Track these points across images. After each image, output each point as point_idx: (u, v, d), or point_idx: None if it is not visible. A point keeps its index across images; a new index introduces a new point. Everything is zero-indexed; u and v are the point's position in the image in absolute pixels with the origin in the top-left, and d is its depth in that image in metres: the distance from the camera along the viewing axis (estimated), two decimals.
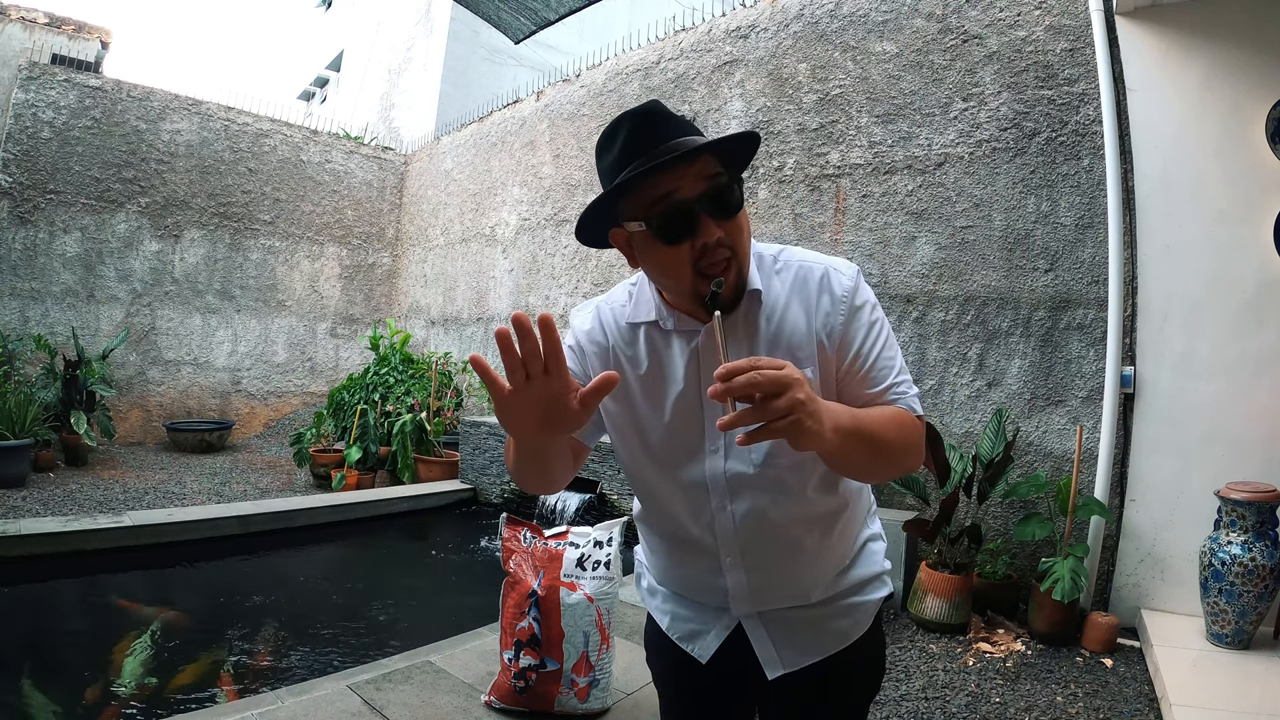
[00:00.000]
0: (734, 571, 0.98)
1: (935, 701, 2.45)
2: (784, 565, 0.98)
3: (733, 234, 0.86)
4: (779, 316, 0.92)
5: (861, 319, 0.91)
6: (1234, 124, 2.97)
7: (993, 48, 3.73)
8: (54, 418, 5.70)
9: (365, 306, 8.87)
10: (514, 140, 7.20)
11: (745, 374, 0.67)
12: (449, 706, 2.10)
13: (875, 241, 4.14)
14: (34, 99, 6.54)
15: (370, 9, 13.36)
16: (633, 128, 0.85)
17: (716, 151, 0.86)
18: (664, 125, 0.85)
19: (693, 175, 0.83)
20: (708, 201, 0.83)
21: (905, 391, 0.92)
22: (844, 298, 0.91)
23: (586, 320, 1.03)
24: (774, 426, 0.68)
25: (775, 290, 0.94)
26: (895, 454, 0.88)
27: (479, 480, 5.34)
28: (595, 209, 0.89)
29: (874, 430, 0.84)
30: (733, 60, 5.08)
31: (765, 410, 0.68)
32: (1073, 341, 3.40)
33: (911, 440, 0.90)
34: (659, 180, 0.83)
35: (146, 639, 2.81)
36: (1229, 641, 2.65)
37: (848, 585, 1.03)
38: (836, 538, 1.00)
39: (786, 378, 0.68)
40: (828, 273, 0.93)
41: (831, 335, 0.91)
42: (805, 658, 1.00)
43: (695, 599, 1.05)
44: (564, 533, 2.22)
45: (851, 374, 0.92)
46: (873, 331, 0.92)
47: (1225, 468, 2.84)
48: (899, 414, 0.89)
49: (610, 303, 1.03)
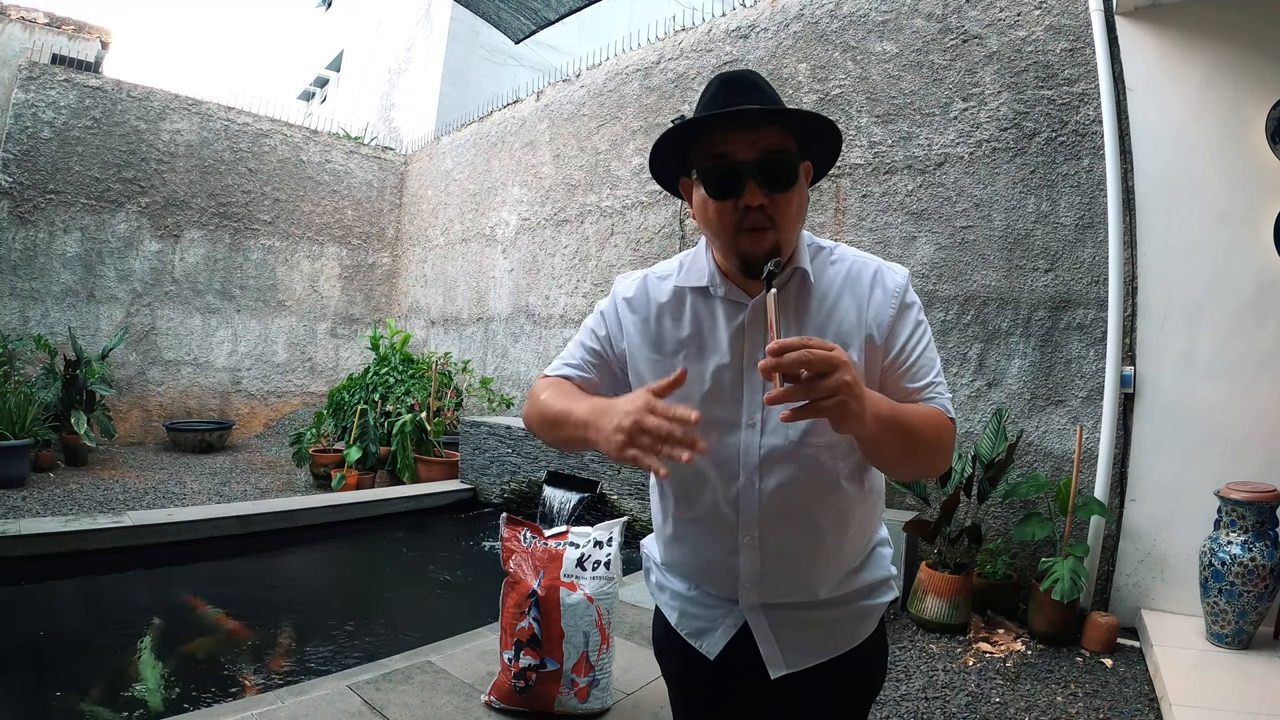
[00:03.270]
0: (750, 552, 0.97)
1: (935, 701, 2.45)
2: (800, 552, 0.98)
3: (779, 206, 0.88)
4: (830, 304, 0.95)
5: (910, 316, 0.95)
6: (1234, 124, 2.97)
7: (993, 48, 3.73)
8: (54, 418, 5.70)
9: (365, 306, 8.87)
10: (514, 140, 7.20)
11: (797, 351, 0.69)
12: (449, 706, 2.10)
13: (875, 241, 4.13)
14: (34, 99, 6.54)
15: (370, 9, 13.36)
16: (719, 87, 0.90)
17: (788, 128, 0.89)
18: (748, 90, 0.89)
19: (750, 141, 0.87)
20: (757, 168, 0.86)
21: (941, 393, 0.95)
22: (895, 293, 0.95)
23: (630, 287, 1.05)
24: (820, 405, 0.70)
25: (828, 279, 0.97)
26: (927, 450, 0.90)
27: (479, 480, 5.34)
28: (659, 148, 0.94)
29: (910, 424, 0.86)
30: (733, 60, 5.08)
31: (813, 389, 0.70)
32: (1073, 341, 3.40)
33: (943, 440, 0.92)
34: (720, 137, 0.87)
35: (146, 639, 2.81)
36: (1229, 641, 2.65)
37: (856, 587, 1.03)
38: (852, 534, 1.01)
39: (836, 358, 0.70)
40: (880, 269, 0.97)
41: (880, 328, 0.94)
42: (809, 659, 1.00)
43: (705, 586, 1.05)
44: (564, 533, 2.21)
45: (894, 368, 0.94)
46: (918, 330, 0.95)
47: (1225, 468, 2.84)
48: (934, 413, 0.92)
49: (659, 273, 1.05)
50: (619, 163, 5.96)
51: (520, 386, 6.83)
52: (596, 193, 6.14)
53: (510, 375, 6.98)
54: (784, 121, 0.89)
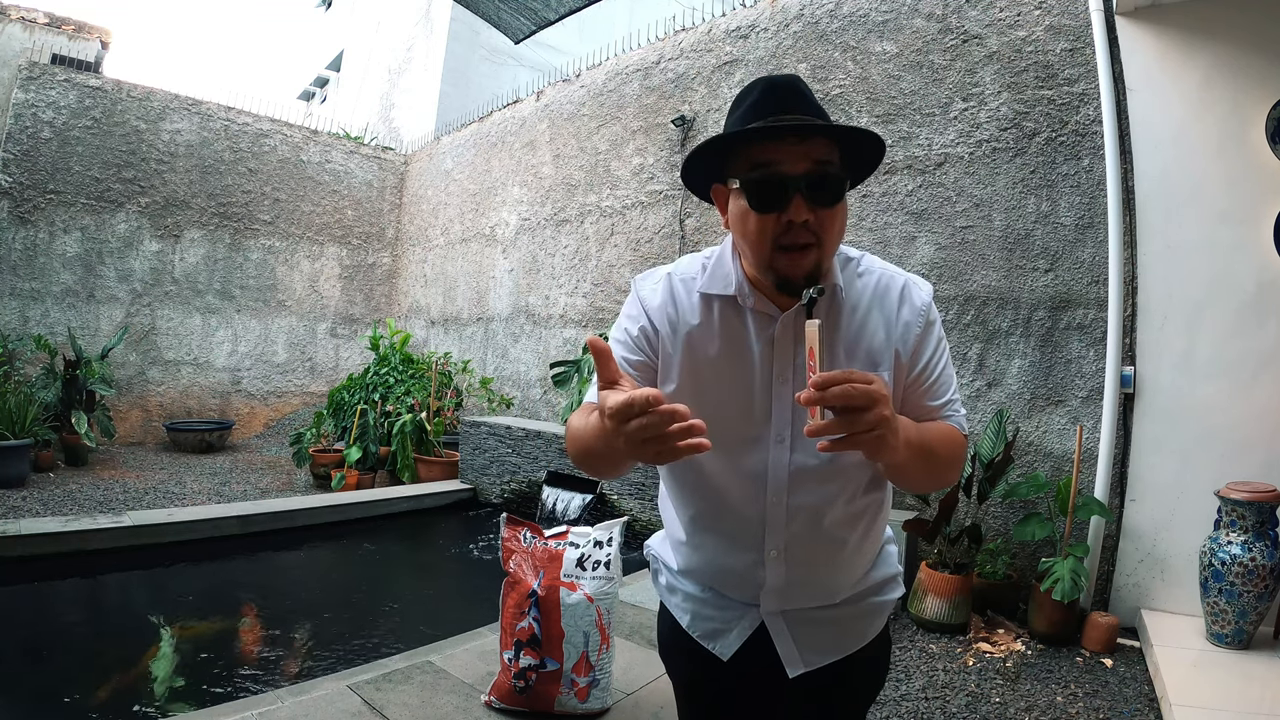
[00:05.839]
0: (776, 565, 0.97)
1: (935, 701, 2.45)
2: (825, 562, 0.99)
3: (824, 223, 0.85)
4: (859, 321, 0.94)
5: (934, 334, 0.96)
6: (1234, 124, 2.97)
7: (993, 48, 3.73)
8: (54, 418, 5.70)
9: (365, 306, 8.87)
10: (514, 140, 7.20)
11: (840, 386, 0.68)
12: (449, 706, 2.10)
13: (875, 241, 4.13)
14: (34, 99, 6.54)
15: (370, 9, 13.36)
16: (763, 92, 0.87)
17: (833, 139, 0.86)
18: (794, 99, 0.86)
19: (799, 154, 0.84)
20: (805, 183, 0.83)
21: (958, 410, 0.97)
22: (922, 311, 0.95)
23: (657, 292, 0.98)
24: (859, 439, 0.70)
25: (857, 292, 0.95)
26: (944, 468, 0.92)
27: (479, 480, 5.34)
28: (697, 156, 0.90)
29: (932, 446, 0.88)
30: (733, 60, 5.08)
31: (854, 422, 0.69)
32: (1073, 341, 3.40)
33: (957, 456, 0.94)
34: (766, 147, 0.84)
35: (146, 639, 2.81)
36: (1229, 641, 2.65)
37: (869, 585, 1.04)
38: (872, 538, 1.02)
39: (877, 393, 0.70)
40: (907, 285, 0.97)
41: (906, 345, 0.94)
42: (825, 657, 1.01)
43: (725, 593, 1.04)
44: (564, 533, 2.21)
45: (916, 385, 0.95)
46: (940, 347, 0.97)
47: (1225, 468, 2.84)
48: (951, 431, 0.94)
49: (680, 273, 0.99)
50: (619, 163, 5.96)
51: (520, 386, 6.83)
52: (596, 193, 6.14)
53: (510, 375, 6.98)
54: (832, 134, 0.86)
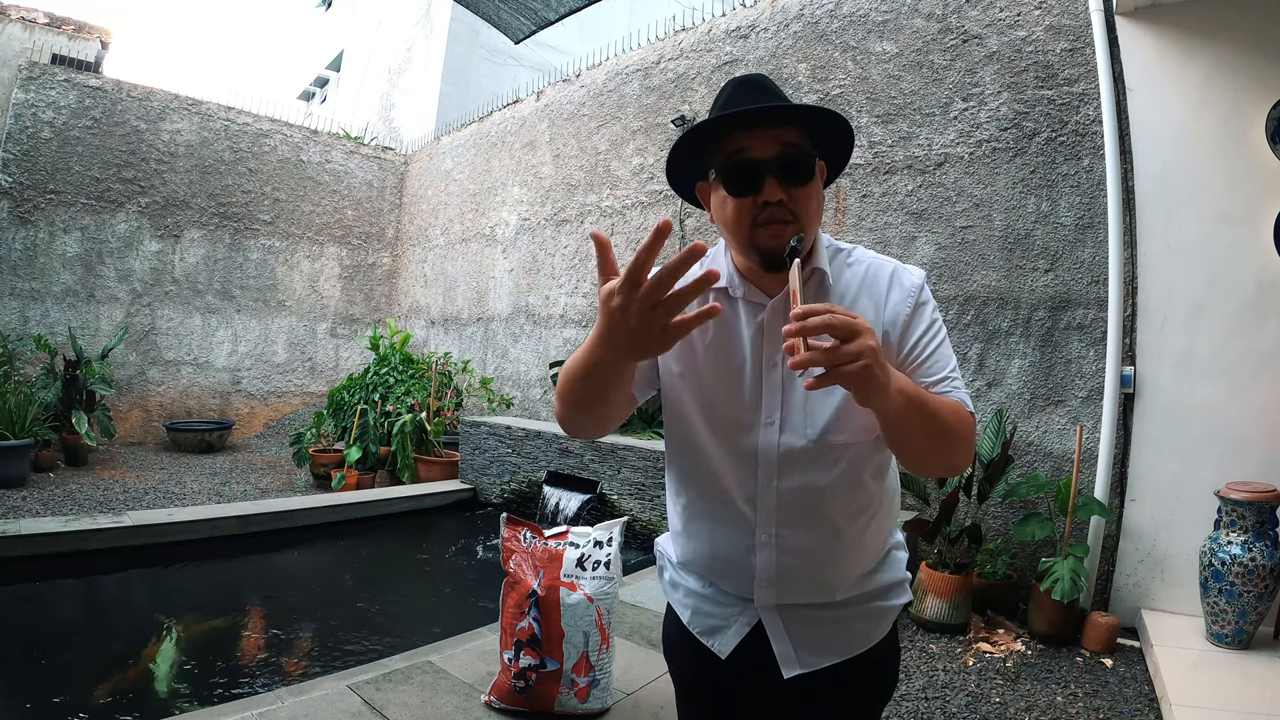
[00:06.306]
0: (766, 550, 0.98)
1: (935, 701, 2.45)
2: (817, 551, 0.98)
3: (799, 201, 0.89)
4: (848, 305, 0.96)
5: (925, 313, 0.96)
6: (1234, 124, 2.97)
7: (993, 48, 3.73)
8: (54, 418, 5.70)
9: (365, 306, 8.87)
10: (514, 140, 7.20)
11: (821, 315, 0.70)
12: (449, 706, 2.09)
13: (875, 241, 4.13)
14: (34, 99, 6.54)
15: (370, 9, 13.36)
16: (733, 90, 0.93)
17: (801, 125, 0.92)
18: (760, 94, 0.92)
19: (769, 139, 0.89)
20: (776, 165, 0.88)
21: (959, 387, 0.95)
22: (911, 292, 0.96)
23: None
24: (844, 370, 0.70)
25: (846, 281, 0.98)
26: (950, 440, 0.89)
27: (479, 480, 5.34)
28: (676, 152, 0.96)
29: (934, 407, 0.86)
30: (733, 60, 5.08)
31: (837, 353, 0.70)
32: (1073, 341, 3.40)
33: (964, 432, 0.91)
34: (737, 138, 0.90)
35: (146, 639, 2.81)
36: (1229, 641, 2.65)
37: (872, 588, 1.04)
38: (870, 535, 1.01)
39: (860, 324, 0.71)
40: (897, 270, 0.99)
41: (896, 325, 0.95)
42: (823, 659, 1.00)
43: (720, 584, 1.05)
44: (564, 533, 2.21)
45: (907, 363, 0.95)
46: (933, 327, 0.96)
47: (1225, 468, 2.84)
48: (955, 404, 0.92)
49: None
50: (619, 163, 5.96)
51: (520, 386, 6.83)
52: (596, 193, 6.14)
53: (510, 375, 6.98)
54: (799, 120, 0.91)
